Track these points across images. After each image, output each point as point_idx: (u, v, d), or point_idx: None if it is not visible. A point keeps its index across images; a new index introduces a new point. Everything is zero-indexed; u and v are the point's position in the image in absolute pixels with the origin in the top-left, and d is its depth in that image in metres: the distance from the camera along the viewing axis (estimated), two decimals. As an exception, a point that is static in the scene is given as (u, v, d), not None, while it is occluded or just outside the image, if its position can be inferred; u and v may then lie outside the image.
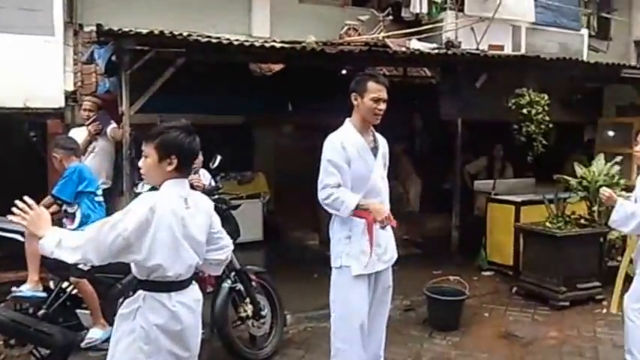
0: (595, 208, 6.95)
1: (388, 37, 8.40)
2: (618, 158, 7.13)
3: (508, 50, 9.24)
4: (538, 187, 8.31)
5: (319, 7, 9.94)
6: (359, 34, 8.99)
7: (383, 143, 4.11)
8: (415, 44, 7.66)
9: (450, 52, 7.35)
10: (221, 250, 3.09)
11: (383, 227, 3.79)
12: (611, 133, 9.23)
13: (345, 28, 9.33)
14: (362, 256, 3.87)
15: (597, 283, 6.67)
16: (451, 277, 6.22)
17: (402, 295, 6.29)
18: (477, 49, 8.23)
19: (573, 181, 6.92)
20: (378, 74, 4.07)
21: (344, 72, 7.58)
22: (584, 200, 7.00)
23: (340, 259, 3.93)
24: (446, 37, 8.84)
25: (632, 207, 4.46)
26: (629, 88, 8.75)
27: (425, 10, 9.37)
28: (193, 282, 2.95)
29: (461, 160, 8.72)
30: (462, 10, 9.31)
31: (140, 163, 2.91)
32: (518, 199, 7.57)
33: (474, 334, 5.75)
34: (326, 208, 3.87)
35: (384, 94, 3.89)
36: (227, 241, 3.13)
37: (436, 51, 7.27)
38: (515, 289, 6.97)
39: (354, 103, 3.92)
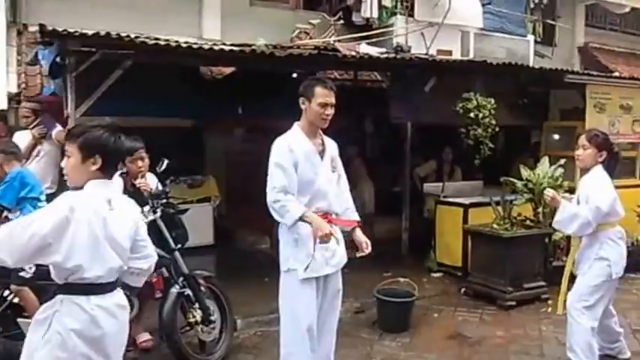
0: (540, 210, 7.11)
1: (339, 41, 8.43)
2: (562, 161, 7.27)
3: (457, 55, 9.39)
4: (486, 189, 8.46)
5: (270, 10, 9.93)
6: (310, 38, 9.01)
7: (332, 147, 4.15)
8: (364, 48, 7.71)
9: (398, 56, 7.42)
10: (144, 260, 3.02)
11: (322, 243, 3.80)
12: (556, 137, 9.44)
13: (297, 31, 9.34)
14: (307, 259, 3.89)
15: (543, 283, 6.83)
16: (401, 279, 6.28)
17: (353, 297, 6.32)
18: (426, 53, 8.32)
19: (519, 184, 7.06)
20: (327, 79, 4.11)
21: (294, 75, 7.58)
22: (529, 202, 7.14)
23: (287, 262, 3.97)
24: (396, 41, 8.93)
25: (575, 208, 4.59)
26: (572, 92, 8.96)
27: (375, 14, 9.43)
28: (118, 288, 2.87)
29: (411, 163, 8.83)
30: (412, 15, 9.41)
31: (62, 163, 2.84)
32: (467, 201, 7.70)
33: (423, 334, 5.81)
34: (272, 212, 3.88)
35: (331, 99, 3.93)
36: (151, 251, 3.08)
37: (385, 55, 7.32)
38: (463, 289, 7.07)
39: (302, 107, 3.96)
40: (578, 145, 4.70)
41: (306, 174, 3.89)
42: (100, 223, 2.70)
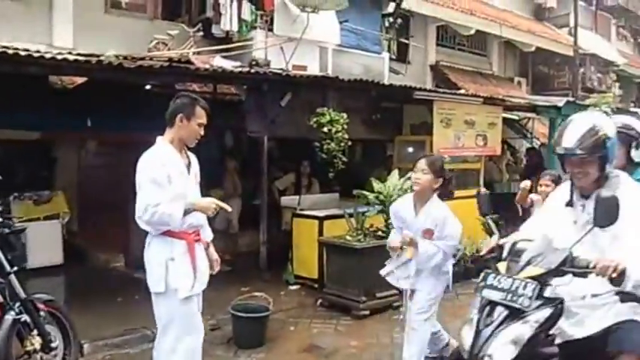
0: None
1: (198, 53, 8.33)
2: (411, 173, 7.60)
3: (315, 70, 9.57)
4: (342, 201, 8.65)
5: (127, 20, 9.62)
6: (168, 49, 8.82)
7: (195, 161, 4.15)
8: (219, 61, 7.67)
9: (252, 70, 7.44)
10: None
11: (213, 214, 3.90)
12: (408, 150, 9.90)
13: (154, 42, 9.12)
14: (187, 277, 3.86)
15: (394, 291, 7.00)
16: (257, 293, 6.27)
17: (209, 314, 6.18)
18: (282, 68, 8.42)
19: (371, 196, 7.24)
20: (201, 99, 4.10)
21: (148, 87, 7.40)
22: (381, 213, 7.36)
23: (164, 282, 3.85)
24: (254, 55, 8.97)
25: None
26: (422, 108, 9.45)
27: (235, 28, 9.42)
28: None
29: (270, 177, 8.88)
30: (271, 29, 9.49)
31: None
32: (322, 213, 7.83)
33: (278, 349, 5.82)
34: (153, 227, 3.81)
35: (206, 120, 3.98)
36: None
37: (239, 69, 7.32)
38: (319, 301, 7.18)
39: (179, 124, 3.91)
40: (416, 168, 4.66)
41: (177, 189, 3.85)
42: None
